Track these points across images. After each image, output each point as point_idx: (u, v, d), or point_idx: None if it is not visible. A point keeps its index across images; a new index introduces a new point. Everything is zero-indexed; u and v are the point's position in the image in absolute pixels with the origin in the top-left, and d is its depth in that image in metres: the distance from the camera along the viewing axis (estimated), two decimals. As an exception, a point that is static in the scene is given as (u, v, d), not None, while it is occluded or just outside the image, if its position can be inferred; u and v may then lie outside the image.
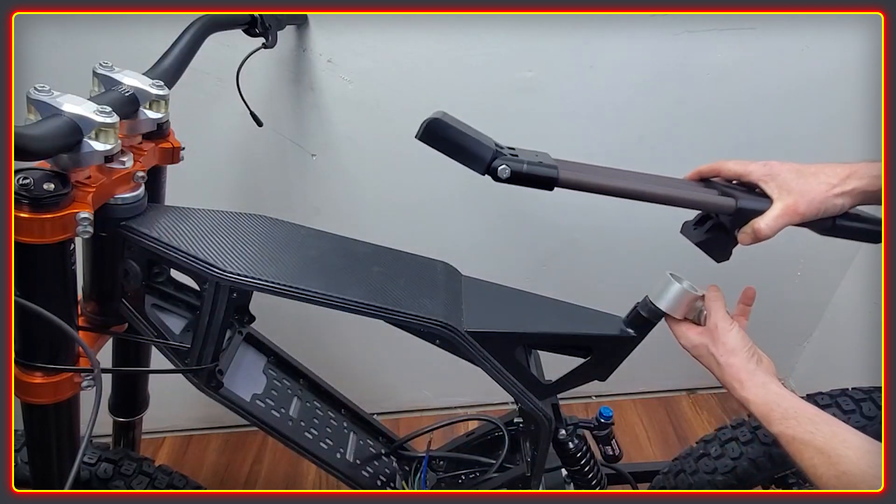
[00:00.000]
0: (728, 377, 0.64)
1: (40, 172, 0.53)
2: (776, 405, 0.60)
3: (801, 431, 0.57)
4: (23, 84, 0.54)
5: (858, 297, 1.41)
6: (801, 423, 0.57)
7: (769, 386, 0.62)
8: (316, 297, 0.65)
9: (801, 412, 0.58)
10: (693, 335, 0.69)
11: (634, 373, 1.10)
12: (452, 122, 0.64)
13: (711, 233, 0.65)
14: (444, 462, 0.94)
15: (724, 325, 0.66)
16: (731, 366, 0.64)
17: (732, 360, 0.64)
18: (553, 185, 0.63)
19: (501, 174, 0.62)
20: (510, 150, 0.69)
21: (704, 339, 0.67)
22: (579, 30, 1.04)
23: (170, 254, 0.63)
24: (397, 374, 1.46)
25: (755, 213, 0.62)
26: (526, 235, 1.26)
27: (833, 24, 1.08)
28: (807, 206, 0.61)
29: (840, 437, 0.55)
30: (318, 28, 0.99)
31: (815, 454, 0.55)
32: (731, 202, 0.62)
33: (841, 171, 0.63)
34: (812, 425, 0.57)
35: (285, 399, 0.82)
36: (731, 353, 0.64)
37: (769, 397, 0.61)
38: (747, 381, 0.62)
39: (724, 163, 0.67)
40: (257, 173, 1.15)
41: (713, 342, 0.66)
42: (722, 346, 0.65)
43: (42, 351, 0.61)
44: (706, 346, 0.67)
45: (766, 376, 0.63)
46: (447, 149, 0.63)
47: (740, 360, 0.64)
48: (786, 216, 0.62)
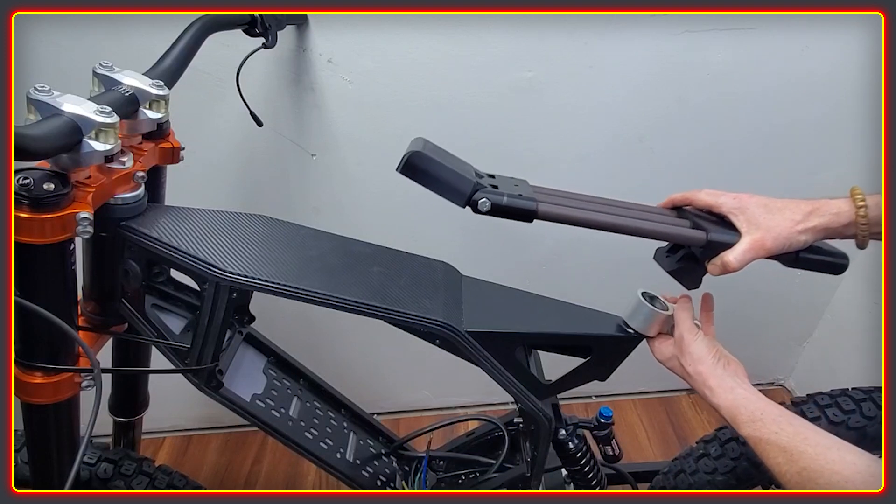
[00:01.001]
0: (699, 385, 0.66)
1: (40, 172, 0.53)
2: (743, 408, 0.61)
3: (766, 432, 0.58)
4: (23, 84, 0.54)
5: (858, 297, 1.41)
6: (766, 424, 0.59)
7: (736, 390, 0.63)
8: (316, 297, 0.65)
9: (766, 413, 0.59)
10: (664, 349, 0.71)
11: (634, 373, 1.10)
12: (433, 152, 0.65)
13: (682, 262, 0.68)
14: (444, 462, 0.94)
15: (689, 336, 0.68)
16: (699, 374, 0.66)
17: (700, 367, 0.66)
18: (532, 217, 0.65)
19: (482, 207, 0.63)
20: (489, 176, 0.71)
21: (674, 351, 0.70)
22: (579, 30, 1.04)
23: (170, 254, 0.63)
24: (397, 374, 1.46)
25: (725, 245, 0.64)
26: (526, 235, 1.26)
27: (833, 24, 1.08)
28: (773, 241, 0.64)
29: (802, 435, 0.56)
30: (318, 28, 0.99)
31: (778, 453, 0.56)
32: (702, 235, 0.64)
33: (805, 208, 0.66)
34: (776, 425, 0.58)
35: (285, 399, 0.82)
36: (698, 362, 0.66)
37: (737, 401, 0.62)
38: (716, 388, 0.64)
39: (697, 193, 0.70)
40: (257, 173, 1.15)
41: (681, 353, 0.68)
42: (689, 356, 0.67)
43: (42, 351, 0.61)
44: (676, 358, 0.69)
45: (733, 380, 0.64)
46: (428, 182, 0.64)
47: (707, 367, 0.66)
48: (753, 251, 0.64)
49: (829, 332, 1.52)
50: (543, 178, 1.18)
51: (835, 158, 1.25)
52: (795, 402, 0.91)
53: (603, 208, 0.67)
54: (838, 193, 1.37)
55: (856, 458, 0.52)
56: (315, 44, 1.01)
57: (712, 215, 0.69)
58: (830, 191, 1.34)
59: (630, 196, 1.23)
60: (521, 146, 1.15)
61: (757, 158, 1.23)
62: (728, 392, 0.63)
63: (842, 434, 0.85)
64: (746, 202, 0.67)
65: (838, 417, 0.86)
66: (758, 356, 1.60)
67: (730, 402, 0.62)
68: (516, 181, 0.69)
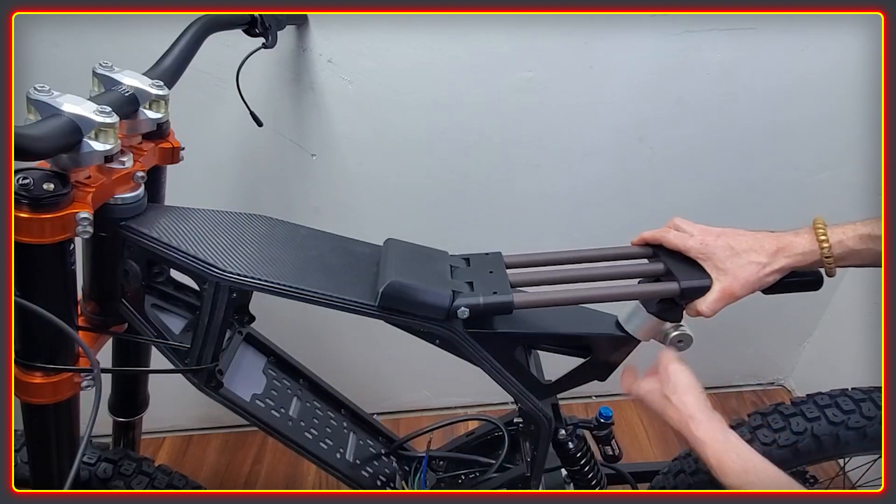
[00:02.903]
0: (683, 415, 0.65)
1: (40, 172, 0.53)
2: (736, 455, 0.60)
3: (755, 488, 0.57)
4: (23, 84, 0.54)
5: (858, 297, 1.41)
6: (761, 480, 0.58)
7: (728, 435, 0.62)
8: (316, 297, 0.65)
9: (760, 471, 0.59)
10: (643, 383, 0.70)
11: (634, 373, 1.10)
12: (406, 272, 0.66)
13: (662, 304, 0.69)
14: (444, 462, 0.94)
15: (675, 366, 0.68)
16: (685, 404, 0.65)
17: (686, 398, 0.65)
18: (510, 309, 0.66)
19: (461, 315, 0.65)
20: (464, 260, 0.73)
21: (655, 385, 0.69)
22: (579, 30, 1.04)
23: (170, 254, 0.63)
24: (397, 374, 1.46)
25: (698, 290, 0.66)
26: (525, 235, 1.25)
27: (833, 24, 1.08)
28: (741, 288, 0.65)
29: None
30: (318, 28, 0.99)
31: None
32: (674, 286, 0.66)
33: (769, 247, 0.65)
34: (765, 485, 0.57)
35: (285, 399, 0.82)
36: (685, 392, 0.66)
37: (728, 446, 0.61)
38: (704, 422, 0.63)
39: (665, 235, 0.70)
40: (257, 173, 1.15)
41: (666, 383, 0.68)
42: (674, 386, 0.66)
43: (42, 351, 0.61)
44: (658, 390, 0.68)
45: (724, 425, 0.64)
46: (409, 306, 0.65)
47: (694, 398, 0.65)
48: (723, 300, 0.66)
49: (829, 332, 1.52)
50: (544, 179, 1.19)
51: (834, 158, 1.25)
52: (795, 402, 0.91)
53: (577, 274, 0.69)
54: (838, 193, 1.38)
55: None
56: (315, 44, 1.01)
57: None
58: (830, 190, 1.34)
59: (630, 195, 1.23)
60: (522, 146, 1.15)
61: (756, 158, 1.23)
62: (719, 433, 0.62)
63: (842, 434, 0.86)
64: (712, 247, 0.67)
65: (838, 417, 0.86)
66: (758, 356, 1.60)
67: (721, 444, 0.61)
68: (490, 260, 0.72)
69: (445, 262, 0.71)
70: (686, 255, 0.69)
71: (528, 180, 1.19)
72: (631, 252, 0.73)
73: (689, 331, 0.70)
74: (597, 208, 1.25)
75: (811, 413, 0.88)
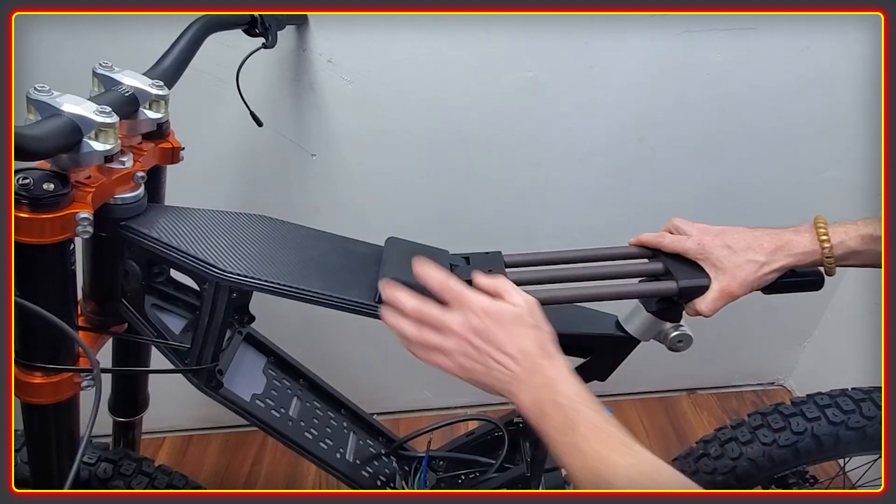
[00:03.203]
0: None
1: (40, 172, 0.53)
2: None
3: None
4: (23, 84, 0.54)
5: (858, 297, 1.41)
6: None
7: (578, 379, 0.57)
8: (316, 297, 0.64)
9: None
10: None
11: (634, 373, 1.10)
12: (406, 274, 0.64)
13: (661, 303, 0.69)
14: (443, 462, 0.94)
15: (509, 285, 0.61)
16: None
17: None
18: None
19: None
20: (464, 259, 0.72)
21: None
22: (579, 30, 1.04)
23: (170, 254, 0.63)
24: (397, 374, 1.46)
25: (696, 290, 0.66)
26: (526, 236, 1.26)
27: (833, 24, 1.08)
28: (739, 286, 0.65)
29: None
30: (318, 28, 0.99)
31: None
32: (673, 285, 0.66)
33: (768, 245, 0.65)
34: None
35: (285, 399, 0.82)
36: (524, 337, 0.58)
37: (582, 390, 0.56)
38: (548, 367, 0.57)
39: (662, 240, 0.70)
40: (257, 173, 1.15)
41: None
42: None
43: (42, 351, 0.61)
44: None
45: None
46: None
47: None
48: (722, 299, 0.65)
49: (829, 332, 1.52)
50: (544, 178, 1.19)
51: (835, 158, 1.25)
52: (795, 402, 0.91)
53: (576, 273, 0.69)
54: (837, 193, 1.38)
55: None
56: (315, 44, 1.01)
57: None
58: (830, 190, 1.34)
59: (630, 195, 1.23)
60: (522, 146, 1.15)
61: (757, 158, 1.23)
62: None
63: (842, 434, 0.86)
64: (709, 246, 0.66)
65: (838, 417, 0.87)
66: (758, 356, 1.60)
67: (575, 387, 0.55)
68: (490, 259, 0.71)
69: (445, 261, 0.71)
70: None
71: (529, 180, 1.20)
72: (630, 251, 0.73)
73: (688, 331, 0.70)
74: (597, 208, 1.25)
75: (811, 413, 0.88)
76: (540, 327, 0.58)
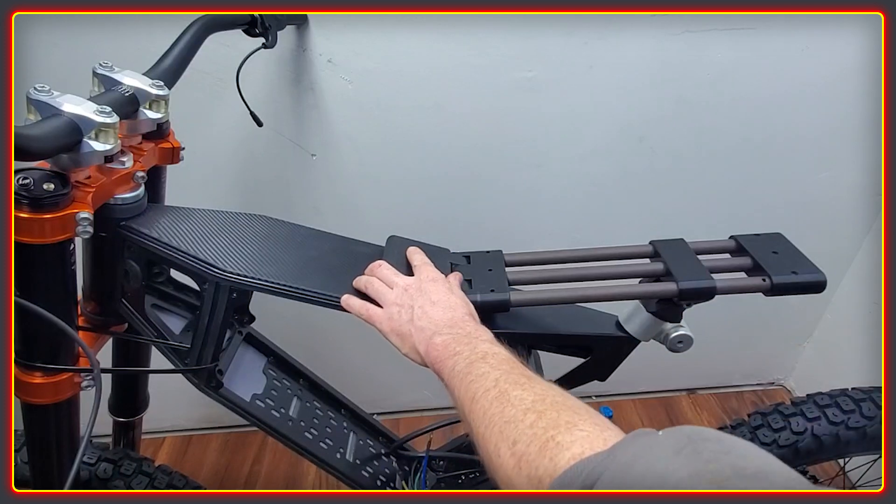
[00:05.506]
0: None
1: (40, 172, 0.53)
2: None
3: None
4: (23, 84, 0.54)
5: (858, 297, 1.41)
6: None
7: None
8: (316, 297, 0.65)
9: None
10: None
11: (634, 373, 1.10)
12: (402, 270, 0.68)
13: (661, 304, 0.69)
14: (444, 462, 0.94)
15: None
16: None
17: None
18: (507, 307, 0.67)
19: None
20: (464, 257, 0.73)
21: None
22: (579, 30, 1.04)
23: (169, 254, 0.63)
24: (397, 374, 1.46)
25: (696, 292, 0.66)
26: (526, 234, 1.26)
27: (833, 24, 1.08)
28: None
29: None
30: (318, 28, 0.99)
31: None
32: (673, 287, 0.66)
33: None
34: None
35: (285, 399, 0.82)
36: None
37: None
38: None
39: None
40: (257, 173, 1.15)
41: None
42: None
43: (42, 351, 0.61)
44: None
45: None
46: None
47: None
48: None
49: (829, 332, 1.52)
50: (544, 178, 1.19)
51: (834, 158, 1.25)
52: (795, 402, 0.91)
53: (576, 273, 0.69)
54: (837, 193, 1.38)
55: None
56: (315, 44, 1.01)
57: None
58: (830, 190, 1.35)
59: (630, 195, 1.23)
60: (522, 146, 1.15)
61: (756, 158, 1.23)
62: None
63: (842, 434, 0.86)
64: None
65: (838, 417, 0.87)
66: (758, 356, 1.60)
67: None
68: (490, 258, 0.72)
69: (446, 260, 0.71)
70: (687, 256, 0.68)
71: (529, 179, 1.19)
72: (630, 251, 0.73)
73: (688, 331, 0.70)
74: (597, 208, 1.25)
75: (811, 413, 0.88)
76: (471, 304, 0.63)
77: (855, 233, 1.36)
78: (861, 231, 1.36)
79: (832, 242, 1.35)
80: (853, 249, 1.39)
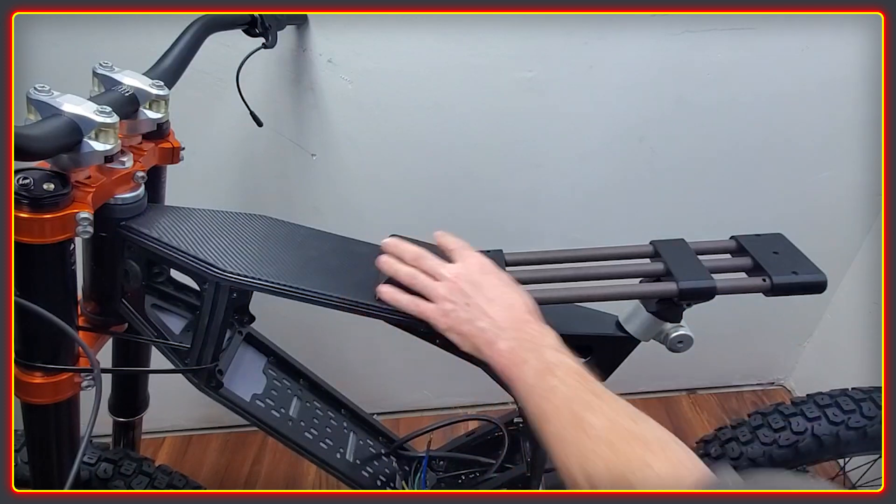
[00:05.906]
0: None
1: (40, 172, 0.53)
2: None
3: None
4: (23, 84, 0.54)
5: (858, 297, 1.41)
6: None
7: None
8: (316, 297, 0.65)
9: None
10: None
11: (634, 373, 1.10)
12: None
13: (661, 304, 0.69)
14: (444, 462, 0.94)
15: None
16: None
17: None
18: None
19: None
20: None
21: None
22: (579, 30, 1.04)
23: (170, 254, 0.63)
24: (397, 374, 1.46)
25: (696, 292, 0.66)
26: (526, 235, 1.26)
27: (833, 24, 1.08)
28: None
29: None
30: (318, 28, 0.99)
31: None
32: (673, 287, 0.66)
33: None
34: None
35: (285, 399, 0.82)
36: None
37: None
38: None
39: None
40: (257, 173, 1.15)
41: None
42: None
43: (42, 351, 0.61)
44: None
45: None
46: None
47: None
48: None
49: (829, 332, 1.52)
50: (544, 178, 1.19)
51: (834, 158, 1.25)
52: (795, 402, 0.91)
53: (576, 273, 0.69)
54: (837, 193, 1.38)
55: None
56: (315, 44, 1.01)
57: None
58: (830, 190, 1.35)
59: (630, 195, 1.23)
60: (522, 146, 1.15)
61: (757, 158, 1.23)
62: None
63: (842, 434, 0.86)
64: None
65: (838, 417, 0.86)
66: (758, 356, 1.60)
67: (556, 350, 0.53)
68: (491, 257, 0.71)
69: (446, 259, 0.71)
70: (687, 256, 0.68)
71: (529, 179, 1.19)
72: (630, 251, 0.73)
73: (689, 331, 0.70)
74: (597, 208, 1.25)
75: (811, 413, 0.88)
76: (529, 295, 0.59)
77: (855, 233, 1.36)
78: (861, 231, 1.36)
79: (832, 242, 1.35)
80: (853, 249, 1.39)
